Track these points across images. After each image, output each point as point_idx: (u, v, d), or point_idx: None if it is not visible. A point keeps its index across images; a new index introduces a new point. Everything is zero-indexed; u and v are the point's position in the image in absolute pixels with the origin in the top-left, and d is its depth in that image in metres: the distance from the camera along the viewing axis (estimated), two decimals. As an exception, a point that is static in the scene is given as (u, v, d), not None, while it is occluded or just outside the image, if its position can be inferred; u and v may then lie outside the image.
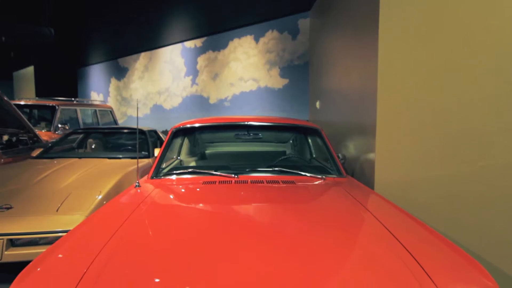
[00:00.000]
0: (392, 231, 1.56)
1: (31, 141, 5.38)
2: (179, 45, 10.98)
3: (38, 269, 1.26)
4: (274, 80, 8.46)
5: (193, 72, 10.59)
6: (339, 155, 2.86)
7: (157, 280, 1.21)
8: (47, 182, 3.34)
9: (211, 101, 10.10)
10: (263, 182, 2.33)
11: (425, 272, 1.25)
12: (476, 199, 2.28)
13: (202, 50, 10.27)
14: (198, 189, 2.24)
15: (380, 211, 1.86)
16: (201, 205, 2.00)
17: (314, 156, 3.14)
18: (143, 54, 12.41)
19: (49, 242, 2.56)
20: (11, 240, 2.59)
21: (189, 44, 10.61)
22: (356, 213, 1.84)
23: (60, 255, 1.38)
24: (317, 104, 4.99)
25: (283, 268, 1.26)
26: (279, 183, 2.33)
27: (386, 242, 1.47)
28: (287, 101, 8.19)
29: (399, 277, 1.23)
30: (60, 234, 2.54)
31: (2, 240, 2.55)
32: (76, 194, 3.04)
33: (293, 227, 1.65)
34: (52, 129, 6.69)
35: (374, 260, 1.35)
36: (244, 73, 9.14)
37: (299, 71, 7.92)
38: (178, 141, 3.14)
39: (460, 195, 2.34)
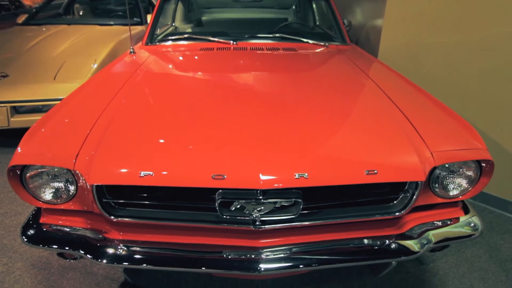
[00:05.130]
0: (392, 98, 1.56)
1: (13, 7, 5.01)
2: None
3: (43, 130, 1.30)
4: None
5: None
6: (345, 21, 2.68)
7: (161, 140, 1.26)
8: (39, 50, 3.23)
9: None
10: (263, 49, 2.23)
11: (419, 135, 1.29)
12: (479, 68, 2.22)
13: None
14: (195, 56, 2.17)
15: (382, 79, 1.83)
16: (199, 72, 1.95)
17: (318, 23, 2.95)
18: None
19: (52, 109, 2.62)
20: (14, 107, 2.64)
21: None
22: (357, 80, 1.81)
23: (62, 118, 1.40)
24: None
25: (281, 129, 1.29)
26: (279, 50, 2.24)
27: (385, 108, 1.48)
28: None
29: (394, 140, 1.28)
30: (61, 101, 2.58)
31: (5, 108, 2.60)
32: (71, 62, 2.97)
33: (293, 93, 1.64)
34: (33, -8, 6.13)
35: (371, 123, 1.38)
36: None
37: None
38: (171, 5, 2.89)
39: (464, 63, 2.28)
